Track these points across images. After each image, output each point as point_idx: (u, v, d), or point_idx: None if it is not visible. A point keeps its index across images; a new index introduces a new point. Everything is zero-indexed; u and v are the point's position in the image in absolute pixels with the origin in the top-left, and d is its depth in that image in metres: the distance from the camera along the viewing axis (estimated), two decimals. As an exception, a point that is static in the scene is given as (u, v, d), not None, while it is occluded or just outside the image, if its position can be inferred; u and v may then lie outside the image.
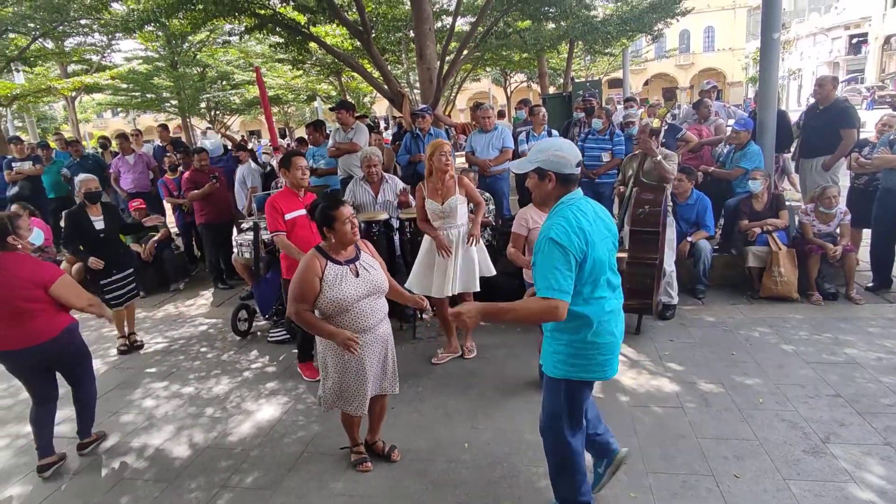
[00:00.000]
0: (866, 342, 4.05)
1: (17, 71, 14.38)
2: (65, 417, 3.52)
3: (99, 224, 4.63)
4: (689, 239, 4.98)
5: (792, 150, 6.19)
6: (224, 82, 19.29)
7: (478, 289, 4.05)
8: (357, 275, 2.68)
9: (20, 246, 3.06)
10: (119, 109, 24.50)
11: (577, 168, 2.18)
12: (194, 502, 2.85)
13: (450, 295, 4.01)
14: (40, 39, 12.13)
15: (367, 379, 2.76)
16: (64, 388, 3.30)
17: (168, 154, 7.19)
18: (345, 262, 2.69)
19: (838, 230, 4.92)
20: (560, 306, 2.02)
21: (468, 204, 4.08)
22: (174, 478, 3.07)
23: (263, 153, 7.64)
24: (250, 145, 11.04)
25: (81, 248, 4.62)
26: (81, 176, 4.78)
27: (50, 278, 3.01)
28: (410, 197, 4.93)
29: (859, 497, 2.53)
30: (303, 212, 3.94)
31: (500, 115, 14.97)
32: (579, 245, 2.06)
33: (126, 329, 4.98)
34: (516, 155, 6.01)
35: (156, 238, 6.44)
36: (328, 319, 2.67)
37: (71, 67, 15.80)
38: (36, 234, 3.19)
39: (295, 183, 3.95)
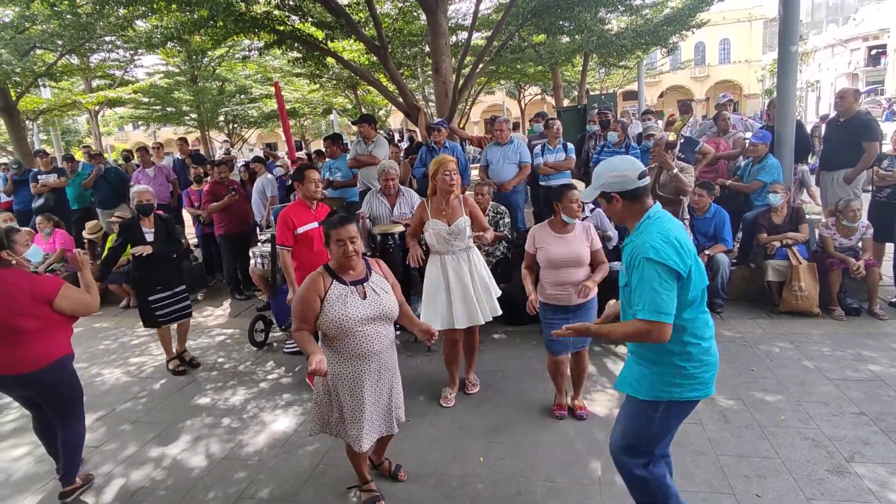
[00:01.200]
0: (890, 358, 3.96)
1: (44, 86, 14.79)
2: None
3: (149, 236, 4.48)
4: (706, 252, 4.93)
5: (810, 162, 6.13)
6: (242, 96, 19.62)
7: (488, 319, 3.69)
8: (364, 297, 2.52)
9: (14, 262, 2.88)
10: (140, 123, 24.97)
11: (643, 180, 2.10)
12: (211, 513, 2.87)
13: (462, 327, 3.66)
14: (66, 55, 12.47)
15: (363, 408, 2.56)
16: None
17: (194, 166, 7.33)
18: (352, 282, 2.52)
19: (860, 244, 4.84)
20: (664, 329, 1.93)
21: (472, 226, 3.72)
22: (191, 488, 3.09)
23: (278, 166, 7.68)
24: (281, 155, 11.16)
25: (129, 260, 4.51)
26: (137, 187, 4.69)
27: (51, 290, 2.80)
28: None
29: (886, 519, 2.47)
30: (315, 224, 3.99)
31: (515, 127, 15.04)
32: (681, 259, 1.96)
33: (176, 348, 4.81)
34: (532, 168, 6.04)
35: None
36: (330, 342, 2.54)
37: (95, 82, 16.21)
38: (33, 251, 3.03)
39: (308, 195, 3.99)
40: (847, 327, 4.55)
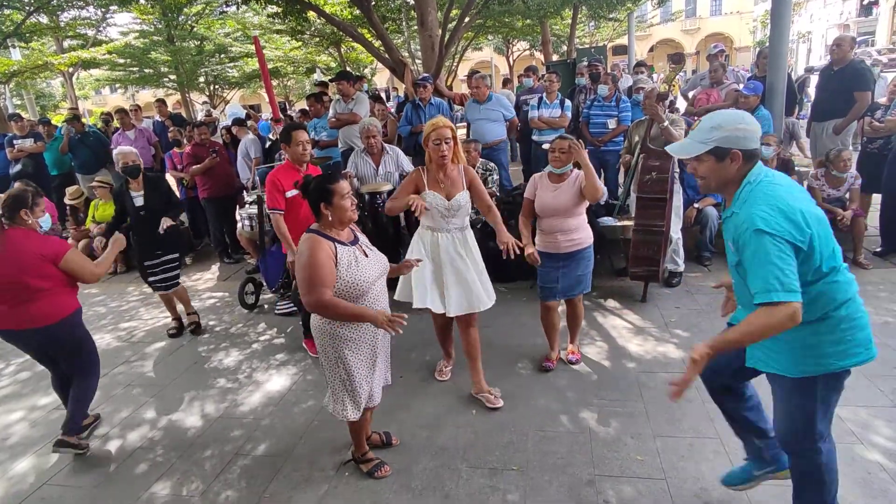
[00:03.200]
0: (874, 307, 4.03)
1: (14, 47, 14.20)
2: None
3: (139, 200, 4.26)
4: (695, 205, 4.94)
5: (797, 112, 6.08)
6: (222, 55, 18.97)
7: (489, 305, 3.22)
8: (366, 255, 2.47)
9: (31, 221, 2.99)
10: (117, 85, 24.19)
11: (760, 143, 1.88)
12: (209, 469, 2.91)
13: (451, 314, 3.18)
14: (35, 14, 11.93)
15: (379, 368, 2.60)
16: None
17: (172, 129, 7.14)
18: (349, 243, 2.44)
19: (847, 195, 4.86)
20: (795, 308, 1.67)
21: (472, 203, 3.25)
22: (188, 447, 3.12)
23: (249, 128, 7.34)
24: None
25: (127, 227, 4.27)
26: (120, 149, 4.39)
27: (57, 252, 2.94)
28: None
29: (866, 458, 2.56)
30: None
31: (505, 83, 14.73)
32: (796, 227, 1.71)
33: (181, 309, 4.74)
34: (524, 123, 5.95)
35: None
36: None
37: (66, 42, 15.58)
38: (45, 219, 3.10)
39: (296, 158, 3.81)
40: (832, 277, 4.61)
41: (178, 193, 7.31)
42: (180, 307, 4.76)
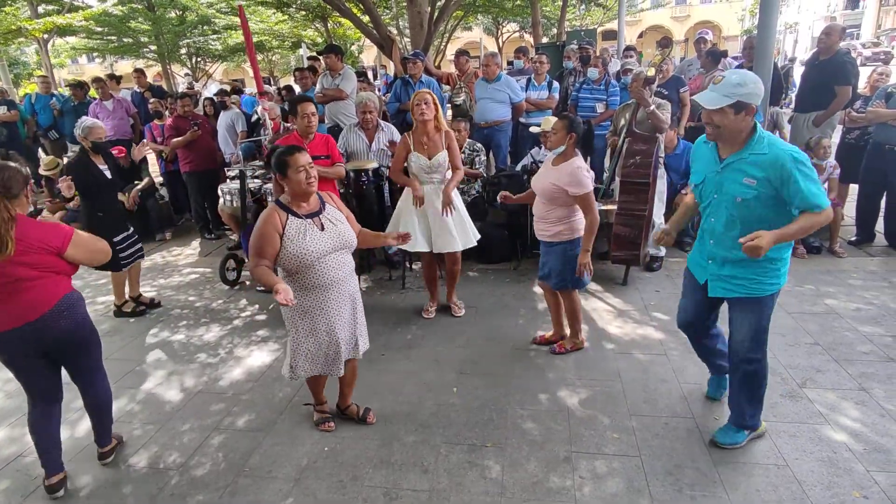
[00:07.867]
0: (847, 294, 4.14)
1: (-15, 10, 13.64)
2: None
3: (108, 173, 4.09)
4: (683, 192, 4.95)
5: (782, 101, 6.12)
6: (205, 27, 18.44)
7: (466, 247, 3.90)
8: (322, 228, 2.51)
9: (27, 203, 2.44)
10: (95, 55, 23.41)
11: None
12: (188, 443, 2.90)
13: (437, 251, 3.88)
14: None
15: (338, 338, 2.63)
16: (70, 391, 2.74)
17: (152, 101, 6.97)
18: (306, 215, 2.49)
19: (826, 184, 4.94)
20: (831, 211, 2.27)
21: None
22: (167, 420, 3.11)
23: (232, 103, 7.09)
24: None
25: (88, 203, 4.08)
26: (90, 121, 4.10)
27: (62, 243, 2.36)
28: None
29: (833, 438, 2.64)
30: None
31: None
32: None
33: (129, 293, 4.57)
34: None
35: (139, 186, 6.28)
36: (291, 276, 2.51)
37: (42, 8, 15.01)
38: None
39: (302, 131, 3.87)
40: (808, 264, 4.71)
41: (157, 166, 7.19)
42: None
